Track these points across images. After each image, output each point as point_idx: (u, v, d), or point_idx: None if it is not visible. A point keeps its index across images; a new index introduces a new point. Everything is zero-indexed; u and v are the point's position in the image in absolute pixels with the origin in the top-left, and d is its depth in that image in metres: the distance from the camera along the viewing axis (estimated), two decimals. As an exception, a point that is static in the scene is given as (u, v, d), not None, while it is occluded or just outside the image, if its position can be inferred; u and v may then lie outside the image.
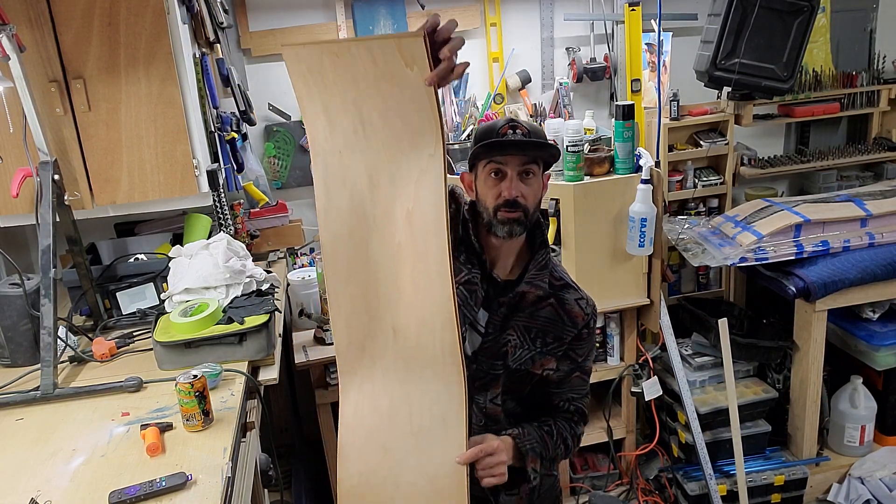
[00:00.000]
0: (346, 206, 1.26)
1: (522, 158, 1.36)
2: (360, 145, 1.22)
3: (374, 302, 1.29)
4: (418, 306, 1.25)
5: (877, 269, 2.53)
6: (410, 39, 1.08)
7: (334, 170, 1.25)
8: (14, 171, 1.93)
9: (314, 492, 2.72)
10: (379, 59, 1.12)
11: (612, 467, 2.92)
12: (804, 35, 2.71)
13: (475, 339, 1.42)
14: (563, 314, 1.46)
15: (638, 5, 2.88)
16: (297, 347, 2.48)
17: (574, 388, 1.53)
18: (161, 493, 1.28)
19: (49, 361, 1.69)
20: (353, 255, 1.28)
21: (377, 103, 1.18)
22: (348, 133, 1.22)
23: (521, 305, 1.43)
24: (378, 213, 1.25)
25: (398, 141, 1.20)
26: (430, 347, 1.26)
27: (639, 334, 2.83)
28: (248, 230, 2.65)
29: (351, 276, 1.29)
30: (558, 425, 1.49)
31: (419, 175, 1.21)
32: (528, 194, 1.37)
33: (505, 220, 1.36)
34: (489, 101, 2.99)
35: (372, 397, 1.33)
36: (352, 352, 1.33)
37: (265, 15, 2.81)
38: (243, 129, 2.64)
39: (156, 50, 1.97)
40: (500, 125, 1.38)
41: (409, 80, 1.12)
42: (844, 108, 3.18)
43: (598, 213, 2.54)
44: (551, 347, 1.46)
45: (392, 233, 1.25)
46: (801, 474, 2.72)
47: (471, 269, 1.42)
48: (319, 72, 1.18)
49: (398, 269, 1.26)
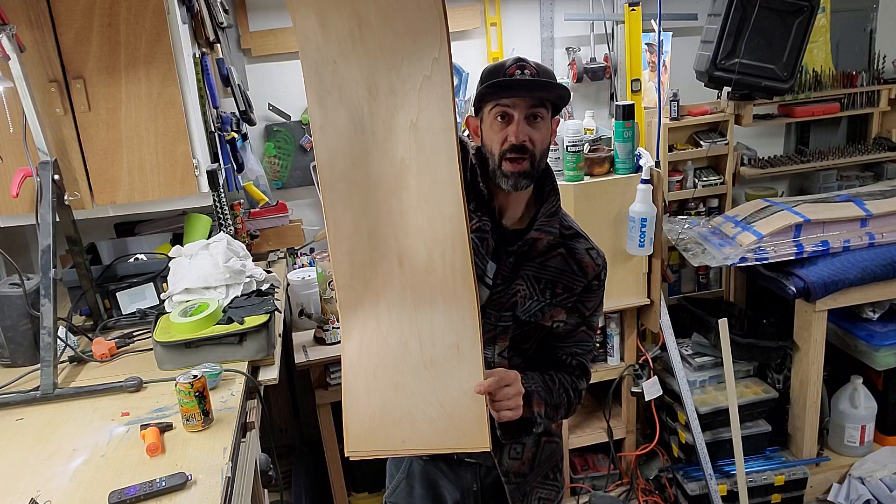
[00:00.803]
0: (343, 122, 1.16)
1: (530, 101, 1.29)
2: (357, 52, 1.12)
3: (376, 228, 1.20)
4: (426, 227, 1.17)
5: (877, 269, 2.53)
6: None
7: (329, 82, 1.15)
8: (14, 171, 1.93)
9: (314, 492, 2.72)
10: None
11: (612, 467, 2.92)
12: (804, 35, 2.71)
13: (483, 292, 1.36)
14: (573, 263, 1.41)
15: (638, 5, 2.88)
16: (297, 347, 2.48)
17: (579, 342, 1.47)
18: (161, 494, 1.28)
19: (49, 361, 1.69)
20: (352, 177, 1.18)
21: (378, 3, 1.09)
22: (344, 38, 1.12)
23: (530, 254, 1.38)
24: (378, 127, 1.16)
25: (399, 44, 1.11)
26: (439, 271, 1.18)
27: (639, 334, 2.83)
28: (248, 230, 2.65)
29: (351, 200, 1.19)
30: (560, 376, 1.44)
31: (423, 81, 1.12)
32: (536, 139, 1.30)
33: (510, 172, 1.30)
34: (489, 101, 2.99)
35: (378, 333, 1.24)
36: (355, 285, 1.23)
37: (265, 15, 2.81)
38: (243, 129, 2.64)
39: (156, 50, 1.97)
40: (507, 64, 1.32)
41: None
42: (844, 108, 3.17)
43: (598, 213, 2.54)
44: (561, 298, 1.40)
45: (394, 147, 1.16)
46: (802, 474, 2.72)
47: (480, 217, 1.35)
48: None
49: (402, 187, 1.17)
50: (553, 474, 1.58)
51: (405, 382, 1.24)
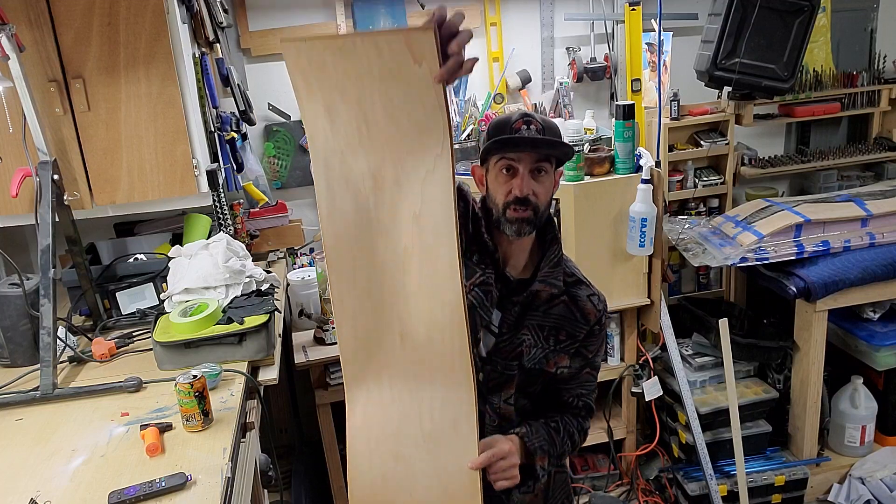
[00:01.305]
0: (349, 209, 1.21)
1: (535, 155, 1.33)
2: (364, 145, 1.18)
3: (380, 307, 1.26)
4: (426, 310, 1.23)
5: (877, 269, 2.53)
6: (419, 33, 1.05)
7: (336, 171, 1.20)
8: (13, 171, 1.93)
9: (314, 492, 2.72)
10: (386, 55, 1.09)
11: (612, 468, 2.92)
12: (804, 35, 2.71)
13: (489, 340, 1.41)
14: (575, 311, 1.44)
15: (638, 5, 2.88)
16: (296, 347, 2.48)
17: (583, 383, 1.51)
18: (161, 494, 1.28)
19: (48, 361, 1.69)
20: (357, 260, 1.24)
21: (382, 101, 1.14)
22: (351, 132, 1.17)
23: (534, 304, 1.41)
24: (383, 216, 1.21)
25: (404, 140, 1.17)
26: (439, 351, 1.24)
27: (639, 334, 2.83)
28: (248, 230, 2.65)
29: (356, 282, 1.25)
30: (565, 421, 1.48)
31: (426, 175, 1.17)
32: (539, 192, 1.34)
33: (514, 218, 1.34)
34: (489, 101, 2.99)
35: (381, 405, 1.31)
36: (359, 359, 1.30)
37: (265, 15, 2.81)
38: (243, 129, 2.64)
39: (156, 50, 1.97)
40: (514, 119, 1.34)
41: (416, 76, 1.09)
42: (845, 108, 3.17)
43: (598, 213, 2.54)
44: (565, 345, 1.44)
45: (398, 236, 1.22)
46: (802, 474, 2.72)
47: (484, 270, 1.39)
48: (321, 68, 1.14)
49: (405, 272, 1.23)
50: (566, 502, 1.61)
51: (405, 454, 1.30)
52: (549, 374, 1.46)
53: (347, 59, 1.12)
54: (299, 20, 2.83)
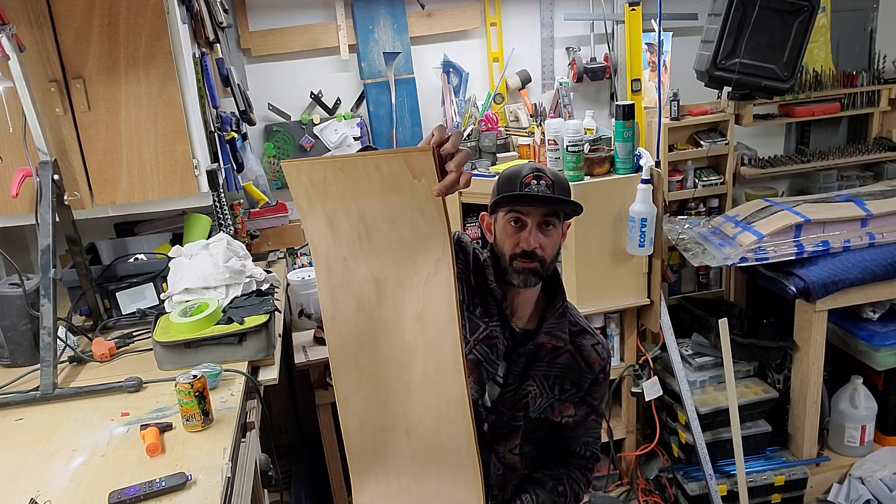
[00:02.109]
0: (352, 311, 1.23)
1: (544, 210, 1.35)
2: (366, 251, 1.20)
3: (385, 403, 1.27)
4: (432, 406, 1.24)
5: (877, 269, 2.53)
6: (418, 154, 1.08)
7: (339, 276, 1.22)
8: (14, 171, 1.92)
9: (314, 492, 2.72)
10: (386, 172, 1.12)
11: (612, 467, 2.92)
12: (804, 35, 2.71)
13: (493, 390, 1.42)
14: (580, 360, 1.46)
15: (638, 5, 2.88)
16: (296, 347, 2.48)
17: (589, 431, 1.53)
18: (161, 494, 1.28)
19: (49, 361, 1.69)
20: (361, 359, 1.26)
21: (383, 212, 1.17)
22: (352, 241, 1.20)
23: (539, 354, 1.43)
24: (386, 316, 1.23)
25: (404, 246, 1.19)
26: (445, 444, 1.25)
27: (639, 334, 2.83)
28: (248, 230, 2.65)
29: (361, 380, 1.27)
30: (571, 477, 1.50)
31: (427, 279, 1.19)
32: (546, 245, 1.36)
33: (521, 269, 1.36)
34: (489, 101, 2.99)
35: (388, 496, 1.32)
36: (365, 453, 1.31)
37: (265, 15, 2.81)
38: (243, 129, 2.64)
39: (156, 50, 1.97)
40: (524, 174, 1.37)
41: (416, 190, 1.11)
42: (845, 108, 3.17)
43: (598, 213, 2.54)
44: (570, 394, 1.46)
45: (401, 335, 1.23)
46: (802, 474, 2.72)
47: (488, 323, 1.41)
48: (322, 184, 1.16)
49: (409, 368, 1.24)
50: None
51: None
52: (553, 423, 1.47)
53: (348, 177, 1.14)
54: (299, 21, 2.83)
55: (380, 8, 2.84)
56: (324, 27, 2.84)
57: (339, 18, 2.83)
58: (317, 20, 2.85)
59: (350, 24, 2.85)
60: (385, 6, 2.85)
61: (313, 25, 2.84)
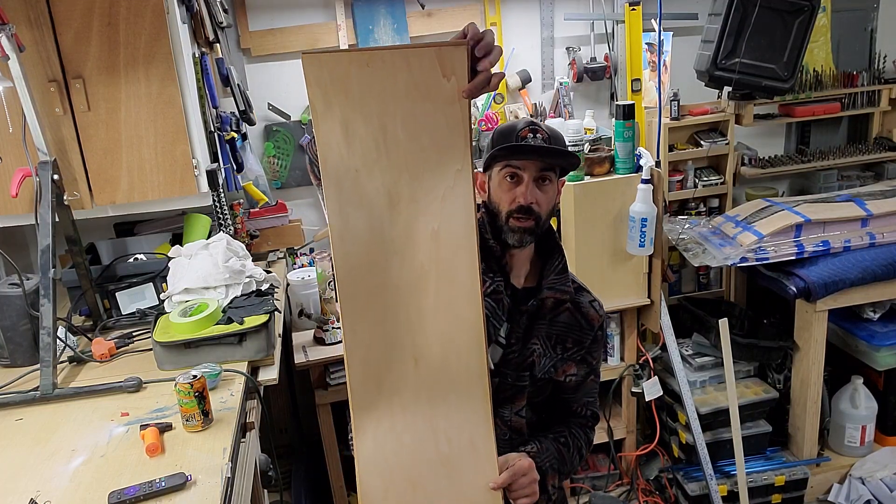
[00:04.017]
0: (362, 230, 1.17)
1: (540, 164, 1.33)
2: (381, 163, 1.14)
3: (393, 332, 1.21)
4: (443, 329, 1.20)
5: (877, 269, 2.53)
6: (452, 49, 1.05)
7: (349, 191, 1.15)
8: (13, 171, 1.92)
9: (314, 492, 2.72)
10: (416, 69, 1.07)
11: (612, 468, 2.92)
12: (805, 35, 2.71)
13: (496, 352, 1.39)
14: (580, 318, 1.45)
15: (638, 5, 2.88)
16: (296, 347, 2.48)
17: (589, 391, 1.52)
18: (160, 494, 1.28)
19: (48, 361, 1.69)
20: (371, 283, 1.19)
21: (404, 118, 1.11)
22: (368, 149, 1.13)
23: (541, 312, 1.41)
24: (397, 235, 1.17)
25: (423, 157, 1.14)
26: (454, 370, 1.21)
27: (639, 334, 2.83)
28: (248, 230, 2.65)
29: (369, 306, 1.20)
30: (574, 434, 1.47)
31: (445, 192, 1.15)
32: (542, 201, 1.34)
33: (516, 227, 1.34)
34: (489, 101, 2.99)
35: (393, 432, 1.25)
36: (369, 387, 1.23)
37: (265, 15, 2.81)
38: (243, 128, 2.64)
39: (155, 50, 1.97)
40: (520, 127, 1.35)
41: (443, 92, 1.08)
42: (845, 108, 3.17)
43: (599, 213, 2.54)
44: (572, 352, 1.44)
45: (413, 254, 1.18)
46: (802, 475, 2.72)
47: (493, 278, 1.38)
48: (343, 81, 1.09)
49: (421, 291, 1.19)
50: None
51: (422, 481, 1.25)
52: (557, 383, 1.45)
53: (372, 74, 1.09)
54: (299, 20, 2.83)
55: (380, 8, 2.84)
56: (324, 27, 2.84)
57: (339, 18, 2.83)
58: (317, 20, 2.85)
59: (350, 24, 2.85)
60: (385, 6, 2.85)
61: (313, 25, 2.83)
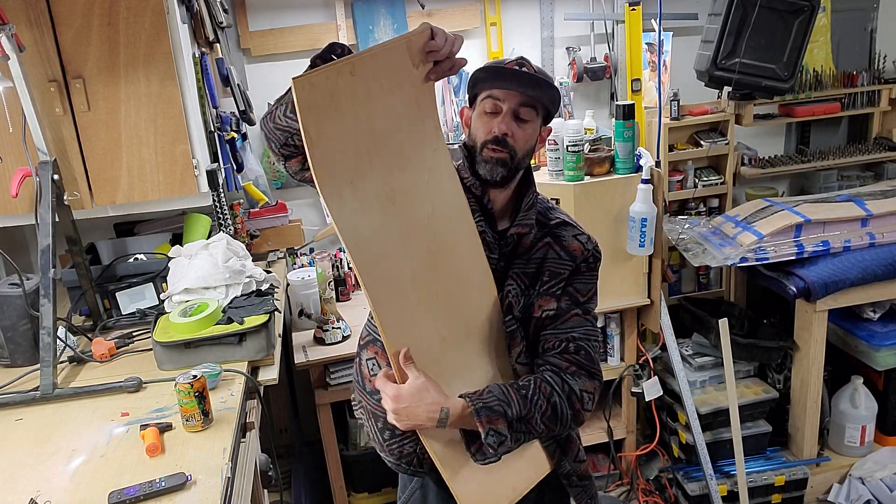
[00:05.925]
0: (370, 232, 1.19)
1: (521, 98, 1.32)
2: (373, 164, 1.18)
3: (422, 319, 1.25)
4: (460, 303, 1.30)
5: (877, 268, 2.53)
6: (419, 34, 1.16)
7: (350, 201, 1.17)
8: (13, 171, 1.93)
9: (314, 492, 2.72)
10: (393, 64, 1.17)
11: (612, 468, 2.92)
12: (805, 35, 2.71)
13: None
14: (558, 249, 1.39)
15: (638, 5, 2.88)
16: (296, 347, 2.48)
17: (573, 325, 1.36)
18: (160, 494, 1.28)
19: (48, 361, 1.69)
20: (391, 279, 1.21)
21: (386, 113, 1.18)
22: (360, 156, 1.16)
23: (517, 252, 1.39)
24: (402, 226, 1.22)
25: (404, 147, 1.21)
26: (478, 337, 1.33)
27: (639, 334, 2.83)
28: (248, 230, 2.65)
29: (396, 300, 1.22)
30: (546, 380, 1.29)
31: (429, 175, 1.24)
32: (518, 136, 1.32)
33: (489, 157, 1.32)
34: (489, 101, 2.98)
35: None
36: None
37: (265, 15, 2.81)
38: (243, 128, 2.64)
39: (155, 50, 1.97)
40: (507, 60, 1.37)
41: (413, 79, 1.18)
42: (845, 108, 3.17)
43: (598, 213, 2.54)
44: (548, 286, 1.37)
45: (421, 241, 1.23)
46: (802, 474, 2.72)
47: (477, 221, 1.36)
48: (333, 97, 1.11)
49: (433, 274, 1.25)
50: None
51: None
52: (535, 319, 1.38)
53: (357, 81, 1.13)
54: (299, 20, 2.83)
55: (380, 8, 2.84)
56: (324, 27, 2.84)
57: (339, 18, 2.83)
58: (317, 20, 2.85)
59: (350, 23, 2.85)
60: (385, 6, 2.85)
61: (313, 25, 2.83)
